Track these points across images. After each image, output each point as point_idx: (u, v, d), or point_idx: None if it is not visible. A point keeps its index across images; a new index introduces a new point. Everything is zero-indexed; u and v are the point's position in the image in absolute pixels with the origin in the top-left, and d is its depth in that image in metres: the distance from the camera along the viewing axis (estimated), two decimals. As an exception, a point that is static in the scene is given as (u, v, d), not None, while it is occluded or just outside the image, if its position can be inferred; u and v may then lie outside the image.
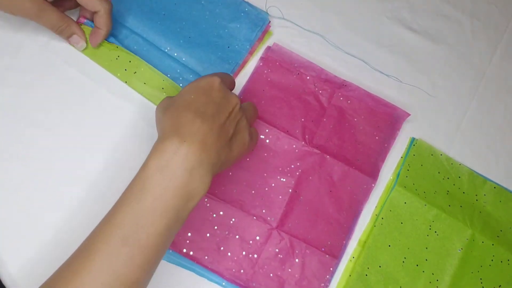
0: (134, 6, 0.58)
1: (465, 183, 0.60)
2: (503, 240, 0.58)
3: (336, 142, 0.58)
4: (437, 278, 0.56)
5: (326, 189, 0.56)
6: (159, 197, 0.39)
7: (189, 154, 0.40)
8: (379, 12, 0.66)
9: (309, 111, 0.59)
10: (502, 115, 0.64)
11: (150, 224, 0.38)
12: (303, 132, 0.58)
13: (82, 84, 0.55)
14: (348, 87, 0.60)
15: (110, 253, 0.37)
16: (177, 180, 0.39)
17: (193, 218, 0.53)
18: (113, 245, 0.38)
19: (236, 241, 0.53)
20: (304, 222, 0.55)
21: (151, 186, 0.39)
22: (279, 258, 0.54)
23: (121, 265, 0.37)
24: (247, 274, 0.52)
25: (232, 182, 0.55)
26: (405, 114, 0.60)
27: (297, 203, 0.56)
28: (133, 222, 0.38)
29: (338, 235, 0.55)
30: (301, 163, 0.57)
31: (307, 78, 0.60)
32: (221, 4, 0.60)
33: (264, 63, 0.60)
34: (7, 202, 0.51)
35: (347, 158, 0.58)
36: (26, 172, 0.52)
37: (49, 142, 0.53)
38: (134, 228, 0.38)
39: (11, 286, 0.49)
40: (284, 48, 0.60)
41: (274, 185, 0.56)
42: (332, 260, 0.54)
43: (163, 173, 0.39)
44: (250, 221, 0.54)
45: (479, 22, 0.68)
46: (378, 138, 0.59)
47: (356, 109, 0.60)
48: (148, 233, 0.38)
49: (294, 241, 0.54)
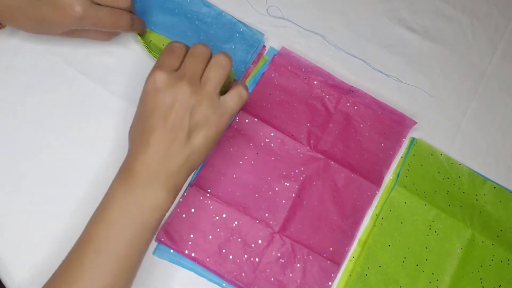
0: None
1: (465, 183, 0.60)
2: (503, 240, 0.58)
3: (341, 148, 0.58)
4: (437, 278, 0.56)
5: (329, 195, 0.56)
6: (123, 211, 0.42)
7: (142, 172, 0.43)
8: (379, 12, 0.66)
9: (315, 116, 0.59)
10: (502, 115, 0.64)
11: (117, 235, 0.41)
12: (309, 137, 0.58)
13: (82, 84, 0.55)
14: (355, 93, 0.60)
15: (86, 264, 0.41)
16: (136, 195, 0.42)
17: (196, 220, 0.53)
18: (89, 256, 0.41)
19: (238, 244, 0.53)
20: (307, 227, 0.55)
21: (114, 202, 0.43)
22: (281, 263, 0.53)
23: (97, 274, 0.41)
24: (248, 278, 0.52)
25: (236, 185, 0.55)
26: (412, 122, 0.60)
27: (300, 208, 0.55)
28: (102, 235, 0.42)
29: (341, 241, 0.55)
30: (305, 168, 0.57)
31: (314, 83, 0.60)
32: (215, 25, 0.59)
33: (272, 67, 0.59)
34: (7, 202, 0.51)
35: (351, 164, 0.58)
36: (26, 172, 0.52)
37: (49, 142, 0.53)
38: (104, 241, 0.41)
39: (11, 286, 0.49)
40: (292, 52, 0.60)
41: (277, 189, 0.55)
42: (333, 267, 0.54)
43: (124, 190, 0.43)
44: (252, 224, 0.54)
45: (479, 22, 0.67)
46: (384, 145, 0.59)
47: (362, 115, 0.60)
48: (116, 243, 0.41)
49: (296, 246, 0.54)
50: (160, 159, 0.43)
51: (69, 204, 0.51)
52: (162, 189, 0.43)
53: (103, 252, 0.41)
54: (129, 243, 0.42)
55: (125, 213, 0.42)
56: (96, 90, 0.55)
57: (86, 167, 0.53)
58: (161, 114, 0.43)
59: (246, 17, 0.61)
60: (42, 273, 0.49)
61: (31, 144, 0.52)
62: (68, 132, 0.53)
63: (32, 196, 0.51)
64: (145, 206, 0.42)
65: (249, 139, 0.56)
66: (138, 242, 0.42)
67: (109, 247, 0.41)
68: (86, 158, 0.53)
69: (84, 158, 0.53)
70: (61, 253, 0.49)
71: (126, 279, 0.42)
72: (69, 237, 0.50)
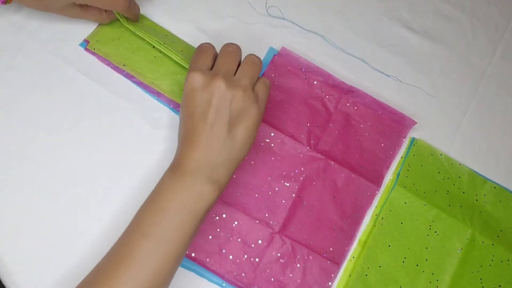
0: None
1: (465, 183, 0.60)
2: (503, 240, 0.58)
3: (341, 148, 0.58)
4: (437, 278, 0.56)
5: (329, 195, 0.56)
6: (170, 199, 0.44)
7: (188, 166, 0.45)
8: (379, 12, 0.66)
9: (315, 116, 0.59)
10: (502, 115, 0.64)
11: (164, 221, 0.43)
12: (309, 137, 0.58)
13: (82, 84, 0.55)
14: (355, 93, 0.60)
15: (134, 248, 0.42)
16: (183, 186, 0.44)
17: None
18: (136, 240, 0.43)
19: (238, 244, 0.53)
20: (307, 227, 0.55)
21: (163, 192, 0.45)
22: (281, 263, 0.53)
23: (145, 257, 0.42)
24: (248, 278, 0.52)
25: (236, 185, 0.55)
26: (412, 122, 0.60)
27: (301, 208, 0.55)
28: (151, 220, 0.43)
29: (341, 241, 0.55)
30: (305, 168, 0.57)
31: (314, 83, 0.60)
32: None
33: (272, 67, 0.59)
34: (6, 202, 0.51)
35: (351, 164, 0.58)
36: (26, 172, 0.52)
37: (49, 142, 0.53)
38: (152, 226, 0.43)
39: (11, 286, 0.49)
40: (292, 52, 0.60)
41: (277, 189, 0.55)
42: (333, 267, 0.54)
43: (172, 181, 0.45)
44: (252, 224, 0.54)
45: (479, 22, 0.68)
46: (384, 145, 0.59)
47: (362, 116, 0.60)
48: (163, 228, 0.43)
49: (296, 246, 0.54)
50: (204, 155, 0.45)
51: (69, 204, 0.51)
52: (207, 181, 0.45)
53: (150, 237, 0.42)
54: (176, 229, 0.43)
55: (172, 201, 0.44)
56: (96, 90, 0.55)
57: (86, 167, 0.53)
58: (201, 113, 0.46)
59: (246, 17, 0.61)
60: (42, 273, 0.49)
61: (31, 144, 0.52)
62: (68, 132, 0.53)
63: (32, 196, 0.51)
64: (191, 195, 0.44)
65: (249, 139, 0.56)
66: (185, 228, 0.44)
67: (156, 232, 0.43)
68: (86, 158, 0.53)
69: (84, 158, 0.53)
70: (61, 253, 0.50)
71: (173, 263, 0.43)
72: (69, 237, 0.50)
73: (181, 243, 0.43)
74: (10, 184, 0.51)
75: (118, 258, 0.42)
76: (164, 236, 0.43)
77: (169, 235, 0.43)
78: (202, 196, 0.44)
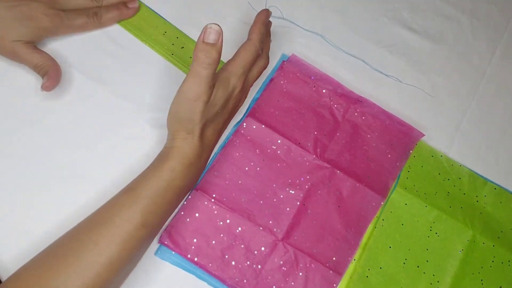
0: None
1: (466, 184, 0.60)
2: (504, 241, 0.58)
3: (348, 157, 0.58)
4: (438, 279, 0.56)
5: (334, 204, 0.56)
6: (154, 164, 0.48)
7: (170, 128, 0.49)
8: (379, 12, 0.66)
9: (323, 124, 0.58)
10: (502, 115, 0.64)
11: (148, 181, 0.46)
12: (315, 146, 0.57)
13: (82, 84, 0.55)
14: (363, 103, 0.60)
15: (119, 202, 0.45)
16: (166, 148, 0.49)
17: (200, 224, 0.52)
18: (123, 195, 0.46)
19: (241, 250, 0.53)
20: (311, 236, 0.55)
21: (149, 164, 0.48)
22: (283, 271, 0.53)
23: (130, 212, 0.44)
24: (250, 284, 0.52)
25: (241, 191, 0.54)
26: (420, 134, 0.60)
27: (305, 217, 0.55)
28: (136, 180, 0.47)
29: (344, 251, 0.55)
30: (311, 177, 0.56)
31: (323, 91, 0.59)
32: None
33: (281, 73, 0.59)
34: (6, 202, 0.50)
35: (357, 174, 0.57)
36: (26, 172, 0.51)
37: (49, 142, 0.53)
38: (136, 183, 0.47)
39: None
40: (301, 59, 0.60)
41: (282, 197, 0.55)
42: (335, 276, 0.54)
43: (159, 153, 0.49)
44: (256, 231, 0.53)
45: (479, 22, 0.68)
46: (391, 156, 0.59)
47: (370, 126, 0.59)
48: (147, 188, 0.46)
49: (299, 254, 0.54)
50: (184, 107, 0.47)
51: (70, 203, 0.51)
52: (187, 135, 0.47)
53: (135, 190, 0.45)
54: (160, 186, 0.46)
55: (155, 166, 0.47)
56: (96, 90, 0.55)
57: (86, 167, 0.53)
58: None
59: (246, 17, 0.61)
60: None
61: (31, 144, 0.52)
62: (68, 132, 0.53)
63: (32, 196, 0.51)
64: (172, 152, 0.47)
65: (255, 145, 0.56)
66: (169, 189, 0.46)
67: (140, 188, 0.46)
68: (86, 158, 0.53)
69: (84, 158, 0.53)
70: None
71: (158, 217, 0.46)
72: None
73: (168, 198, 0.47)
74: (10, 184, 0.51)
75: (106, 212, 0.45)
76: (149, 192, 0.46)
77: (154, 192, 0.46)
78: (183, 152, 0.47)
